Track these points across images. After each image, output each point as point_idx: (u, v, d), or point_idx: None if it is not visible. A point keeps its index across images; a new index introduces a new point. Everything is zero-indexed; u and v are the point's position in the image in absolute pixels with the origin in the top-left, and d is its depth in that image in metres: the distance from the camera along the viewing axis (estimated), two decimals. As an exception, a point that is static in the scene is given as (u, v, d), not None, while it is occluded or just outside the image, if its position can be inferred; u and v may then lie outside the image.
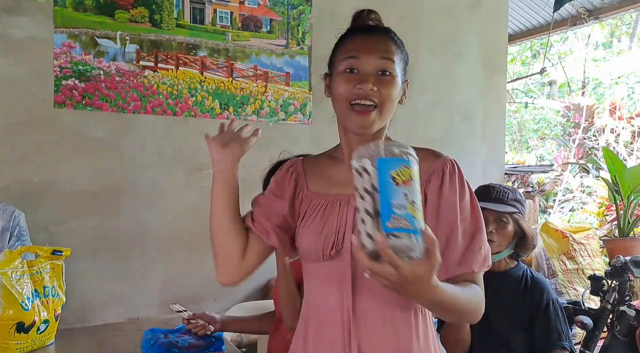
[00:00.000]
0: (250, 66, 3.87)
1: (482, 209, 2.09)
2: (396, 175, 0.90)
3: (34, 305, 1.79)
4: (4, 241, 2.53)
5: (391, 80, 1.18)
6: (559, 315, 2.11)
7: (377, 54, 1.17)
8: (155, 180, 3.59)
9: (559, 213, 8.13)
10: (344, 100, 1.18)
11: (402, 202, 0.88)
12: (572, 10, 5.51)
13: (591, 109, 9.66)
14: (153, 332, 1.92)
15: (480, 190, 2.20)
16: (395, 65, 1.19)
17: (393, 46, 1.22)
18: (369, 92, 1.15)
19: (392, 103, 1.20)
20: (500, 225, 2.11)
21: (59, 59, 3.28)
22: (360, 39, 1.21)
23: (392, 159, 0.92)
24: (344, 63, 1.19)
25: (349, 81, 1.17)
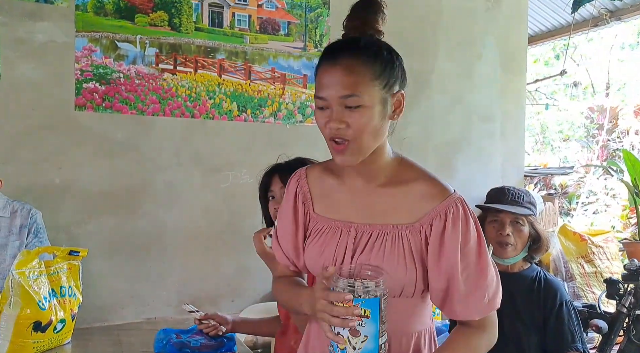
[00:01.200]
0: (268, 69, 3.89)
1: (499, 211, 2.11)
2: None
3: (50, 304, 1.83)
4: (22, 237, 2.63)
5: (363, 112, 1.11)
6: (573, 316, 2.10)
7: (340, 91, 1.10)
8: (173, 182, 3.63)
9: (582, 216, 8.01)
10: (324, 136, 1.17)
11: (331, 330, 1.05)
12: (593, 11, 5.43)
13: (615, 111, 9.50)
14: (165, 332, 1.95)
15: (494, 193, 2.21)
16: (364, 95, 1.10)
17: (360, 73, 1.11)
18: (337, 132, 1.12)
19: (370, 133, 1.13)
20: (516, 228, 2.12)
21: (80, 63, 3.35)
22: (325, 72, 1.14)
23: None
24: (316, 101, 1.16)
25: (322, 118, 1.15)
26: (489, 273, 1.17)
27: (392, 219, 1.18)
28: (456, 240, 1.14)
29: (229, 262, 3.79)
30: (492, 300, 1.17)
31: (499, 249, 2.12)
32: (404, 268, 1.15)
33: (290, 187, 1.35)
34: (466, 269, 1.14)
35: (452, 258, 1.14)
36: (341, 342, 1.02)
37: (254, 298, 3.82)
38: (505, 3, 4.79)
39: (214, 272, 3.76)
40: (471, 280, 1.15)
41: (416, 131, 4.27)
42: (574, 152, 10.14)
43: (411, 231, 1.16)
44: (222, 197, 3.78)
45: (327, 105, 1.13)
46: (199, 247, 3.72)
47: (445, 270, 1.14)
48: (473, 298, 1.15)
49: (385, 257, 1.16)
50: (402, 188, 1.19)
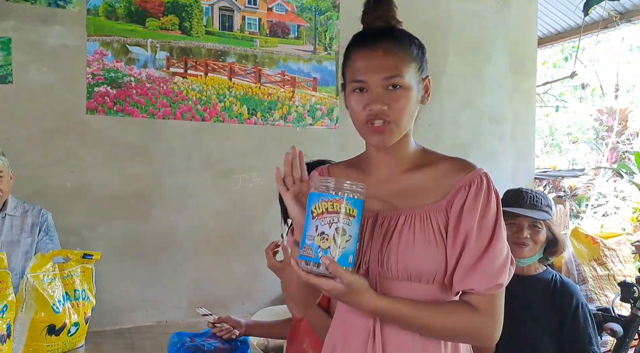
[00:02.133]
0: (277, 72, 3.90)
1: (517, 215, 2.10)
2: (314, 209, 1.04)
3: (64, 307, 1.83)
4: (33, 234, 2.69)
5: (403, 93, 1.14)
6: (589, 319, 2.09)
7: (382, 73, 1.13)
8: (183, 185, 3.64)
9: (592, 219, 7.96)
10: (358, 120, 1.17)
11: (312, 233, 1.04)
12: (603, 13, 5.40)
13: (624, 113, 9.45)
14: (179, 336, 1.95)
15: (512, 196, 2.19)
16: (405, 76, 1.14)
17: (400, 54, 1.15)
18: (379, 112, 1.12)
19: (409, 114, 1.16)
20: (534, 231, 2.12)
21: (91, 66, 3.36)
22: (363, 56, 1.16)
23: (314, 194, 1.06)
24: (353, 84, 1.16)
25: (359, 102, 1.15)
26: (498, 246, 1.13)
27: (419, 201, 1.17)
28: (475, 211, 1.13)
29: (240, 265, 3.79)
30: (496, 273, 1.11)
31: (515, 249, 2.11)
32: (435, 248, 1.13)
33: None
34: (480, 240, 1.12)
35: (470, 227, 1.12)
36: (326, 241, 1.02)
37: (265, 301, 3.82)
38: (515, 5, 4.78)
39: (224, 275, 3.76)
40: (481, 249, 1.12)
41: (426, 134, 4.26)
42: (583, 154, 10.09)
43: (438, 210, 1.15)
44: (232, 200, 3.78)
45: (366, 88, 1.14)
46: (209, 250, 3.72)
47: (461, 238, 1.12)
48: (477, 268, 1.11)
49: (416, 238, 1.14)
50: (427, 170, 1.20)
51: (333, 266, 1.00)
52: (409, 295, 1.14)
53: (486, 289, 1.11)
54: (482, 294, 1.12)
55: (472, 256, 1.11)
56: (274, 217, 3.99)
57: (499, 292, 1.13)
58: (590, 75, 10.34)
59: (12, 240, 2.64)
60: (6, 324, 1.70)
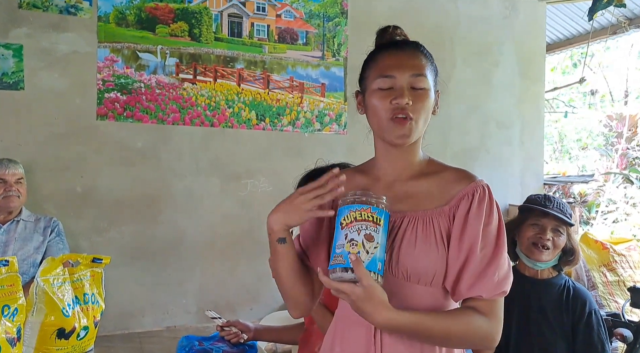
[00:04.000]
0: (286, 78, 3.92)
1: (544, 215, 2.10)
2: (342, 220, 1.08)
3: (74, 311, 1.84)
4: (45, 234, 2.87)
5: (424, 94, 1.20)
6: (602, 326, 2.09)
7: (410, 71, 1.19)
8: (192, 189, 3.66)
9: (602, 225, 7.90)
10: (382, 116, 1.20)
11: (342, 242, 1.06)
12: (612, 19, 5.37)
13: (634, 119, 9.39)
14: (188, 339, 1.95)
15: (539, 198, 2.19)
16: (427, 80, 1.20)
17: (424, 60, 1.23)
18: (405, 106, 1.17)
19: (427, 115, 1.21)
20: (556, 235, 2.12)
21: (101, 73, 3.40)
22: (392, 56, 1.23)
23: (342, 208, 1.10)
24: (378, 81, 1.21)
25: (384, 98, 1.19)
26: (503, 255, 1.17)
27: (423, 206, 1.21)
28: (480, 219, 1.17)
29: (248, 270, 3.80)
30: (501, 281, 1.15)
31: (534, 250, 2.11)
32: (435, 252, 1.17)
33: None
34: (484, 248, 1.16)
35: (474, 236, 1.16)
36: (355, 247, 1.05)
37: (272, 306, 3.82)
38: (523, 11, 4.77)
39: (232, 279, 3.77)
40: (487, 257, 1.15)
41: (434, 138, 4.25)
42: (592, 161, 10.03)
43: (440, 214, 1.19)
44: (240, 205, 3.80)
45: (393, 84, 1.19)
46: (217, 255, 3.74)
47: (466, 246, 1.16)
48: (484, 275, 1.14)
49: (418, 241, 1.17)
50: (431, 178, 1.24)
51: (357, 264, 1.03)
52: (408, 295, 1.17)
53: (493, 296, 1.15)
54: (488, 300, 1.15)
55: (479, 264, 1.15)
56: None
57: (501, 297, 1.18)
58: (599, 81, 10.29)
59: (25, 237, 2.82)
60: (17, 327, 1.71)
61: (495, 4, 4.68)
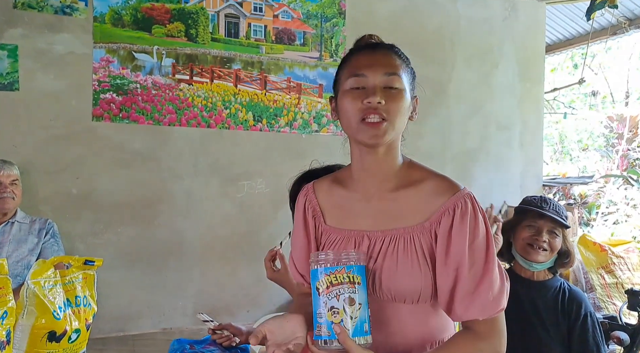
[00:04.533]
0: (283, 78, 3.90)
1: (541, 217, 2.08)
2: (318, 286, 1.04)
3: (65, 314, 1.81)
4: (40, 236, 2.85)
5: (398, 95, 1.14)
6: (597, 328, 2.08)
7: (382, 69, 1.14)
8: (190, 191, 3.64)
9: (602, 226, 7.88)
10: (353, 117, 1.14)
11: (322, 311, 1.03)
12: (612, 20, 5.35)
13: (635, 120, 9.37)
14: (179, 343, 1.93)
15: (536, 199, 2.19)
16: (402, 80, 1.15)
17: (398, 61, 1.17)
18: (377, 105, 1.11)
19: (402, 116, 1.15)
20: (551, 237, 2.11)
21: (97, 73, 3.38)
22: (364, 56, 1.17)
23: (314, 270, 1.05)
24: (350, 81, 1.16)
25: (356, 98, 1.13)
26: (494, 271, 1.13)
27: (403, 222, 1.17)
28: (464, 235, 1.12)
29: (246, 272, 3.77)
30: (497, 299, 1.12)
31: (530, 251, 2.10)
32: (418, 271, 1.13)
33: (298, 203, 1.34)
34: (473, 266, 1.11)
35: (460, 253, 1.11)
36: (337, 315, 1.02)
37: (270, 308, 3.80)
38: (523, 12, 4.76)
39: (231, 281, 3.75)
40: (477, 276, 1.11)
41: (434, 140, 4.24)
42: (593, 162, 10.00)
43: (422, 231, 1.15)
44: (239, 207, 3.77)
45: (365, 84, 1.14)
46: (216, 257, 3.71)
47: (453, 266, 1.11)
48: (478, 295, 1.11)
49: (399, 261, 1.14)
50: (412, 190, 1.18)
51: (343, 336, 1.01)
52: (395, 315, 1.15)
53: (490, 316, 1.12)
54: (486, 319, 1.13)
55: (470, 284, 1.11)
56: (280, 223, 4.02)
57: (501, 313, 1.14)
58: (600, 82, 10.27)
59: (20, 238, 2.81)
60: (6, 331, 1.69)
61: (496, 5, 4.66)
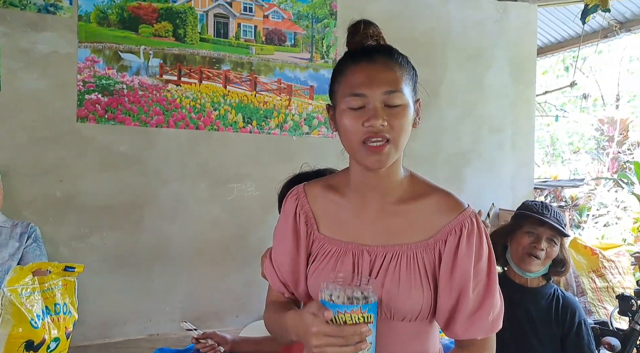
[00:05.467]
0: (274, 80, 3.84)
1: (541, 224, 2.05)
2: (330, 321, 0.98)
3: (44, 322, 1.76)
4: (21, 241, 2.71)
5: (402, 112, 1.07)
6: (591, 336, 2.08)
7: (383, 87, 1.07)
8: (178, 194, 3.57)
9: (593, 229, 7.90)
10: (354, 140, 1.08)
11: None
12: (603, 23, 5.35)
13: (625, 122, 9.40)
14: (162, 352, 1.87)
15: (537, 205, 2.15)
16: (403, 95, 1.08)
17: (399, 72, 1.10)
18: (379, 128, 1.05)
19: (406, 133, 1.09)
20: (550, 245, 2.09)
21: (82, 74, 3.30)
22: (363, 70, 1.09)
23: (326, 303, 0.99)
24: (348, 100, 1.08)
25: (356, 119, 1.07)
26: (496, 292, 1.13)
27: (406, 238, 1.12)
28: (470, 256, 1.10)
29: (235, 277, 3.71)
30: (496, 320, 1.12)
31: (527, 260, 2.07)
32: (420, 289, 1.09)
33: (287, 206, 1.26)
34: (477, 286, 1.11)
35: (466, 274, 1.09)
36: None
37: (259, 313, 3.72)
38: (515, 14, 4.74)
39: (219, 286, 3.68)
40: (480, 297, 1.11)
41: (426, 142, 4.20)
42: (584, 164, 10.04)
43: (425, 249, 1.11)
44: (228, 210, 3.71)
45: (365, 103, 1.07)
46: (204, 261, 3.65)
47: (457, 286, 1.10)
48: (479, 316, 1.10)
49: (401, 279, 1.09)
50: (415, 205, 1.14)
51: None
52: (392, 332, 1.11)
53: (487, 336, 1.13)
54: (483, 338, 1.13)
55: (472, 305, 1.10)
56: (270, 226, 3.90)
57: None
58: (591, 85, 10.30)
59: (0, 243, 2.69)
60: (-19, 340, 1.63)
61: (488, 8, 4.63)
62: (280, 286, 1.26)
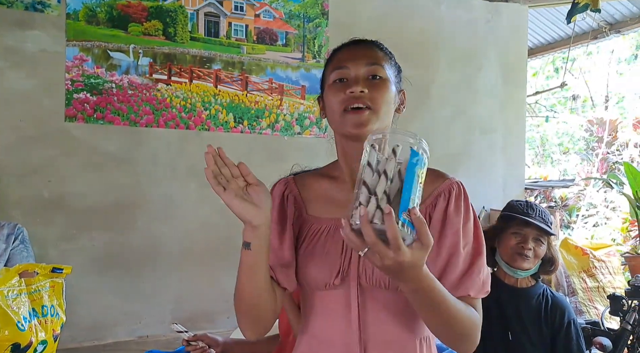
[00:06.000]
0: (265, 79, 3.81)
1: (527, 225, 2.05)
2: (420, 173, 0.93)
3: (31, 325, 1.72)
4: (8, 242, 2.68)
5: (382, 83, 1.14)
6: (580, 336, 2.10)
7: (365, 60, 1.15)
8: (168, 195, 3.54)
9: (582, 229, 7.95)
10: (336, 108, 1.13)
11: (417, 200, 0.91)
12: (593, 24, 5.38)
13: (614, 123, 9.47)
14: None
15: (523, 206, 2.15)
16: (385, 70, 1.15)
17: (381, 53, 1.19)
18: (359, 94, 1.11)
19: (387, 105, 1.14)
20: (537, 244, 2.11)
21: (70, 72, 3.26)
22: (347, 50, 1.20)
23: (421, 157, 0.95)
24: (333, 75, 1.16)
25: (339, 90, 1.13)
26: (484, 253, 1.15)
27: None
28: (459, 215, 1.13)
29: (226, 278, 3.65)
30: (485, 281, 1.13)
31: (517, 259, 2.08)
32: None
33: (275, 191, 1.27)
34: (466, 246, 1.13)
35: (456, 233, 1.12)
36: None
37: (251, 315, 3.70)
38: (506, 15, 4.74)
39: (210, 287, 3.65)
40: (469, 257, 1.13)
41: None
42: (573, 165, 10.10)
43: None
44: (218, 211, 3.67)
45: (348, 75, 1.14)
46: (194, 262, 3.61)
47: (448, 245, 1.12)
48: (470, 273, 1.11)
49: None
50: None
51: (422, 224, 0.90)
52: (386, 304, 1.11)
53: (479, 295, 1.13)
54: (473, 298, 1.12)
55: (463, 263, 1.11)
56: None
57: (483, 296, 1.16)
58: (580, 86, 10.37)
59: None
60: (-34, 344, 1.59)
61: (479, 8, 4.64)
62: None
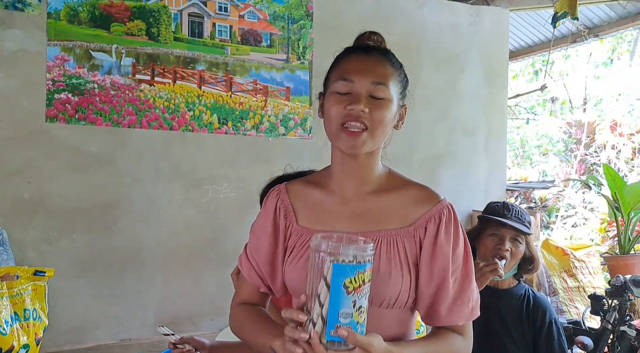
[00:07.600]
0: (249, 80, 3.79)
1: (502, 225, 2.05)
2: (349, 283, 0.92)
3: (12, 329, 1.69)
4: None
5: (384, 105, 1.11)
6: (562, 335, 2.10)
7: (371, 78, 1.11)
8: (151, 196, 3.50)
9: (562, 229, 8.04)
10: (334, 121, 1.11)
11: (349, 311, 0.92)
12: (572, 28, 5.47)
13: (592, 126, 9.60)
14: (140, 359, 1.82)
15: (498, 207, 2.16)
16: (389, 90, 1.12)
17: (389, 69, 1.15)
18: (359, 113, 1.08)
19: (385, 127, 1.12)
20: (514, 245, 2.10)
21: (51, 72, 3.21)
22: (356, 59, 1.14)
23: (346, 266, 0.92)
24: (337, 84, 1.12)
25: (340, 102, 1.10)
26: (474, 280, 1.17)
27: (385, 225, 1.15)
28: (449, 242, 1.13)
29: (210, 279, 3.65)
30: (474, 307, 1.16)
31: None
32: (399, 274, 1.11)
33: (268, 202, 1.27)
34: (455, 273, 1.14)
35: (445, 260, 1.12)
36: (362, 314, 0.94)
37: (234, 317, 3.68)
38: (488, 18, 4.79)
39: (194, 289, 3.62)
40: (458, 284, 1.14)
41: (401, 144, 4.21)
42: (552, 166, 10.21)
43: (406, 235, 1.14)
44: (203, 212, 3.65)
45: (351, 90, 1.11)
46: (178, 264, 3.58)
47: (438, 272, 1.12)
48: (459, 303, 1.13)
49: (382, 264, 1.10)
50: (393, 194, 1.18)
51: (366, 339, 0.94)
52: (373, 318, 1.08)
53: (467, 321, 1.16)
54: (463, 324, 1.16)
55: (453, 292, 1.13)
56: (246, 228, 3.85)
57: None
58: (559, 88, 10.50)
59: None
60: (-54, 349, 1.56)
61: (462, 11, 4.68)
62: (257, 280, 1.26)
